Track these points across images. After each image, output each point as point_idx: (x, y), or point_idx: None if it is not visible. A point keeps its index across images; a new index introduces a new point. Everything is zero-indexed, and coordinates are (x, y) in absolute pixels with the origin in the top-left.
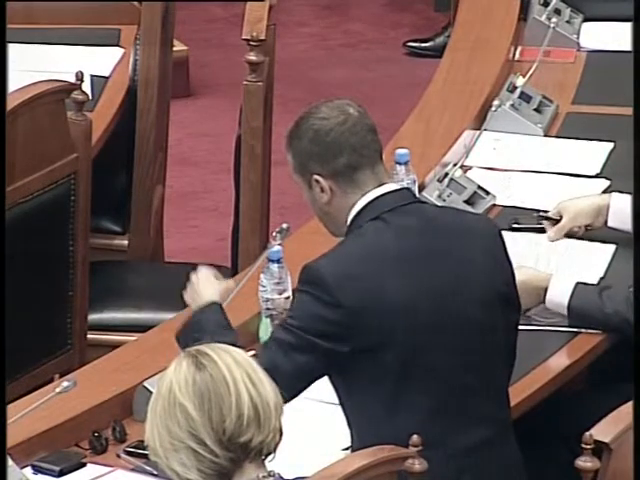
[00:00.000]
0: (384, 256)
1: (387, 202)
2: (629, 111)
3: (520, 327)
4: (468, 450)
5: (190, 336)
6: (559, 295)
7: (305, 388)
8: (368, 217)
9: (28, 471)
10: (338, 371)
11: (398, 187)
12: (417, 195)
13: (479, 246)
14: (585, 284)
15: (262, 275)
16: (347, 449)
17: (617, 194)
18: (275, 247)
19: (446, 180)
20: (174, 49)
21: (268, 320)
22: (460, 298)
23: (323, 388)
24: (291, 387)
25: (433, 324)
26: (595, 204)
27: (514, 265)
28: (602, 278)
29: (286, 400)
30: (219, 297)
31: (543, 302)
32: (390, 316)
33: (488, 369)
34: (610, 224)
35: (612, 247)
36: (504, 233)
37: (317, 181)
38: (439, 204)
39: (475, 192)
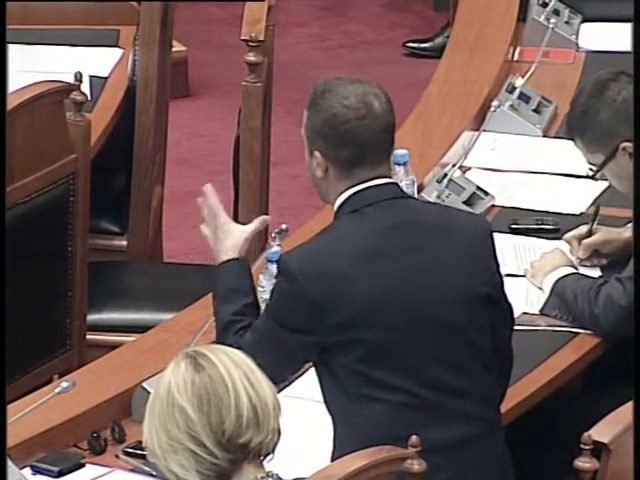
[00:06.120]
0: (355, 253)
1: (369, 195)
2: None
3: (521, 327)
4: (443, 447)
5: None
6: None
7: (288, 371)
8: (349, 209)
9: (27, 472)
10: (315, 361)
11: (385, 182)
12: (407, 192)
13: (460, 245)
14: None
15: (261, 276)
16: None
17: None
18: (274, 248)
19: (445, 181)
20: (173, 49)
21: None
22: (430, 297)
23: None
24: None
25: (402, 322)
26: (627, 236)
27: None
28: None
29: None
30: (238, 250)
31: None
32: (356, 313)
33: (472, 369)
34: None
35: None
36: (504, 234)
37: (316, 156)
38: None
39: (474, 193)
